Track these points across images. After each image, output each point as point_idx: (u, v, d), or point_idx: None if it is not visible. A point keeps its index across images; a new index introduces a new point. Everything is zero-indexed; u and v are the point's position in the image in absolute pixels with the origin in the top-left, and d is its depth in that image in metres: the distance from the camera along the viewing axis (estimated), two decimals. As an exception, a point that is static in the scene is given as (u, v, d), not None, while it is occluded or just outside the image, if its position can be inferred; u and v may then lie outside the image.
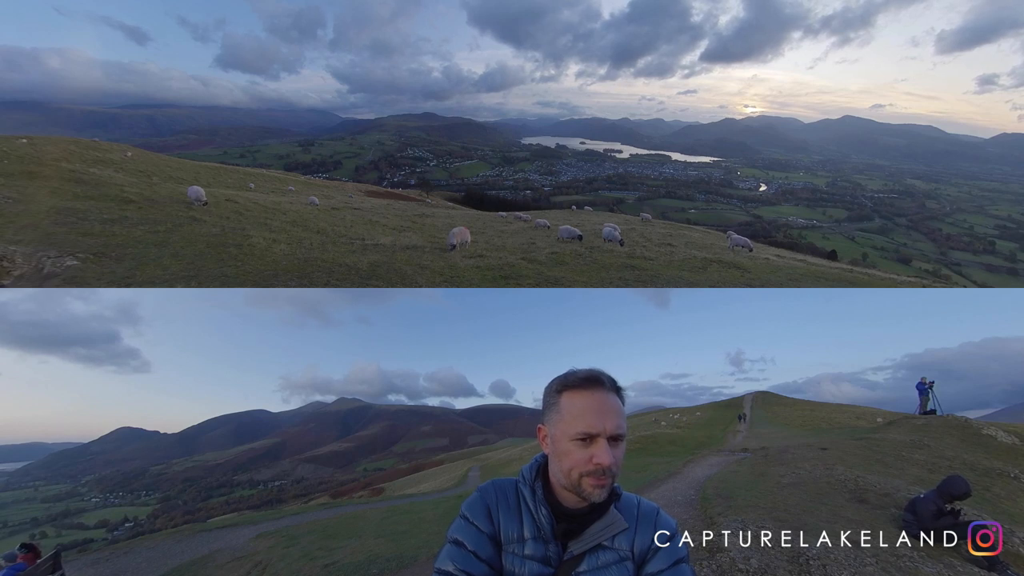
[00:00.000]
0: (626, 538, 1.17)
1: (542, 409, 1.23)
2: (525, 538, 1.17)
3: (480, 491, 1.24)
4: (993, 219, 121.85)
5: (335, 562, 6.25)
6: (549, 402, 1.19)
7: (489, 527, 1.18)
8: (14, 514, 56.00)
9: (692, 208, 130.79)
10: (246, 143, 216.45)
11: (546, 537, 1.16)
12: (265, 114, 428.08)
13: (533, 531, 1.17)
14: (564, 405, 1.15)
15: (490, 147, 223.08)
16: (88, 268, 8.75)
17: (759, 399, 35.32)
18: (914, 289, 19.51)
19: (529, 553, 1.15)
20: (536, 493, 1.19)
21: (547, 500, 1.18)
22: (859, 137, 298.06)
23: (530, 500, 1.20)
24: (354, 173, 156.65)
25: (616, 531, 1.16)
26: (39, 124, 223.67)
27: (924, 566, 4.05)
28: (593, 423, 1.10)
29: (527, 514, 1.19)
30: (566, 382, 1.18)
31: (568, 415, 1.13)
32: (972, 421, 11.16)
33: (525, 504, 1.20)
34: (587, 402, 1.14)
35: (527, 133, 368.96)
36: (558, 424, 1.14)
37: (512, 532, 1.18)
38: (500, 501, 1.21)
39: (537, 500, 1.18)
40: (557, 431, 1.14)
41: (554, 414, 1.16)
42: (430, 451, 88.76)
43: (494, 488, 1.24)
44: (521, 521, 1.19)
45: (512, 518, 1.19)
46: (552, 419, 1.17)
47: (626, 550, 1.17)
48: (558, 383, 1.19)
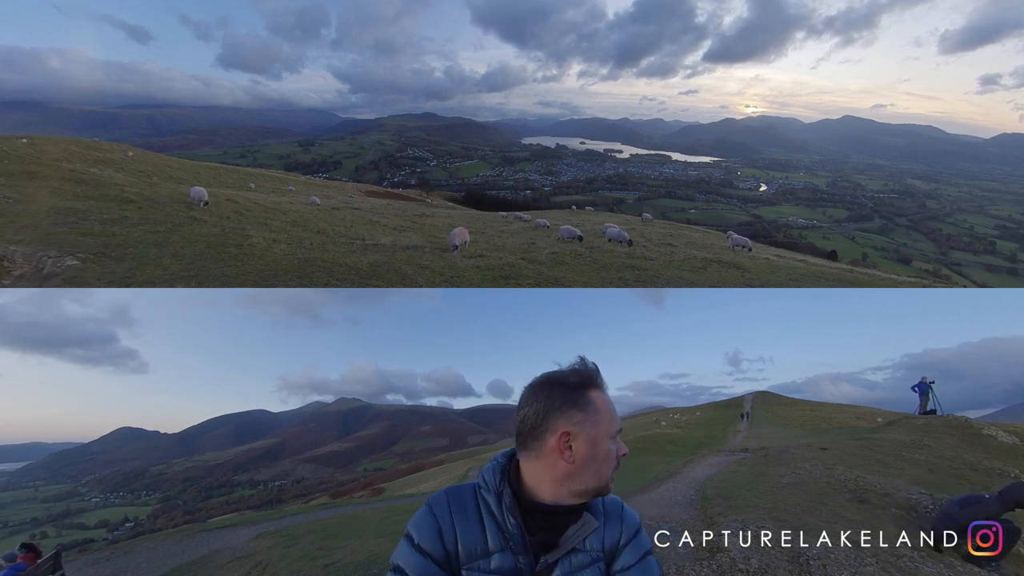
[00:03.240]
0: (596, 538, 1.09)
1: (550, 410, 1.03)
2: (491, 551, 1.02)
3: (430, 504, 1.07)
4: (993, 219, 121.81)
5: (335, 562, 6.25)
6: (575, 400, 1.04)
7: (438, 549, 1.01)
8: (14, 514, 55.99)
9: (692, 208, 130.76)
10: (246, 143, 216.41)
11: (515, 548, 1.02)
12: (265, 114, 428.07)
13: (499, 542, 1.03)
14: (600, 404, 1.05)
15: (490, 147, 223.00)
16: (88, 268, 8.75)
17: (759, 399, 35.32)
18: (913, 289, 19.51)
19: (496, 567, 1.01)
20: (503, 500, 1.05)
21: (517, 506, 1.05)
22: (859, 137, 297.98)
23: (495, 508, 1.05)
24: (354, 173, 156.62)
25: (588, 531, 1.07)
26: (39, 124, 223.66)
27: (924, 566, 4.05)
28: (618, 418, 1.07)
29: (492, 524, 1.04)
30: (592, 379, 1.07)
31: (607, 413, 1.05)
32: (972, 421, 11.15)
33: (489, 512, 1.06)
34: (607, 397, 1.08)
35: (527, 133, 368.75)
36: (599, 425, 1.03)
37: (474, 547, 1.02)
38: (456, 513, 1.05)
39: (505, 508, 1.04)
40: (599, 432, 1.03)
41: (591, 414, 1.03)
42: (430, 451, 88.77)
43: (448, 498, 1.08)
44: (484, 532, 1.04)
45: (473, 531, 1.04)
46: (589, 420, 1.03)
47: (597, 550, 1.09)
48: (581, 379, 1.06)
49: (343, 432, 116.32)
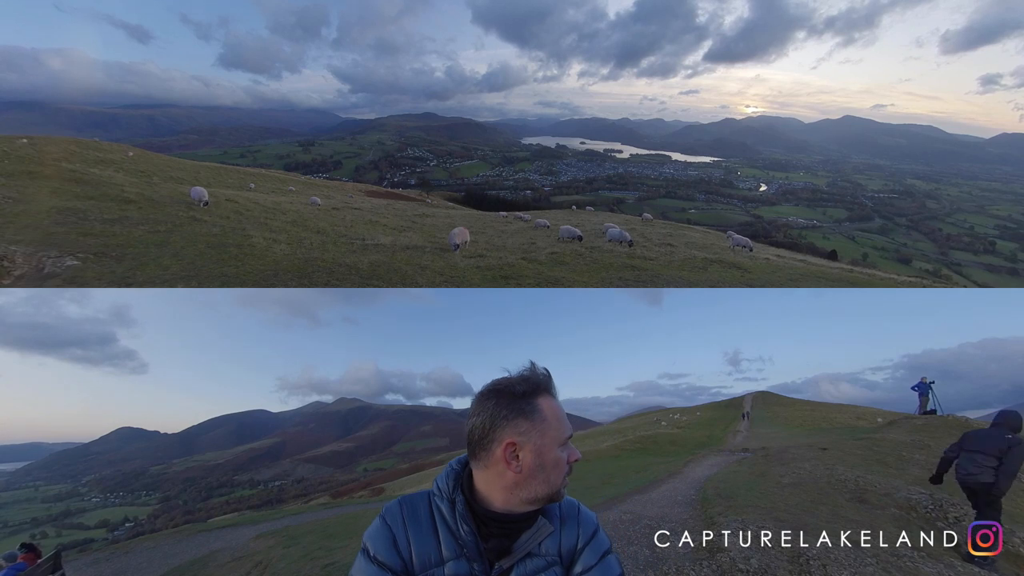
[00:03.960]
0: (552, 541, 1.09)
1: (497, 419, 1.02)
2: (444, 559, 1.02)
3: (383, 515, 1.07)
4: (993, 219, 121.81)
5: (335, 562, 6.25)
6: (521, 409, 1.02)
7: (395, 559, 1.01)
8: (14, 514, 55.99)
9: (692, 208, 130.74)
10: (246, 143, 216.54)
11: (470, 555, 1.02)
12: (265, 114, 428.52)
13: (454, 550, 1.03)
14: (547, 411, 1.04)
15: (490, 147, 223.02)
16: (88, 268, 8.75)
17: (759, 399, 35.32)
18: (913, 289, 19.51)
19: (451, 575, 1.01)
20: (456, 507, 1.05)
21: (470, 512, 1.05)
22: (859, 137, 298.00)
23: (448, 516, 1.05)
24: (354, 173, 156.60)
25: (543, 536, 1.07)
26: (40, 124, 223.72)
27: (924, 566, 4.05)
28: (568, 423, 1.06)
29: (445, 531, 1.04)
30: (539, 386, 1.06)
31: (555, 421, 1.04)
32: (972, 421, 11.15)
33: (442, 520, 1.05)
34: (556, 403, 1.07)
35: (527, 133, 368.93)
36: (546, 433, 1.02)
37: (428, 555, 1.02)
38: (410, 522, 1.05)
39: (458, 515, 1.04)
40: (546, 441, 1.02)
41: (537, 423, 1.02)
42: (430, 451, 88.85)
43: (401, 508, 1.07)
44: (438, 540, 1.04)
45: (426, 539, 1.04)
46: (535, 429, 1.02)
47: (553, 554, 1.08)
48: (528, 387, 1.05)
49: (343, 432, 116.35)
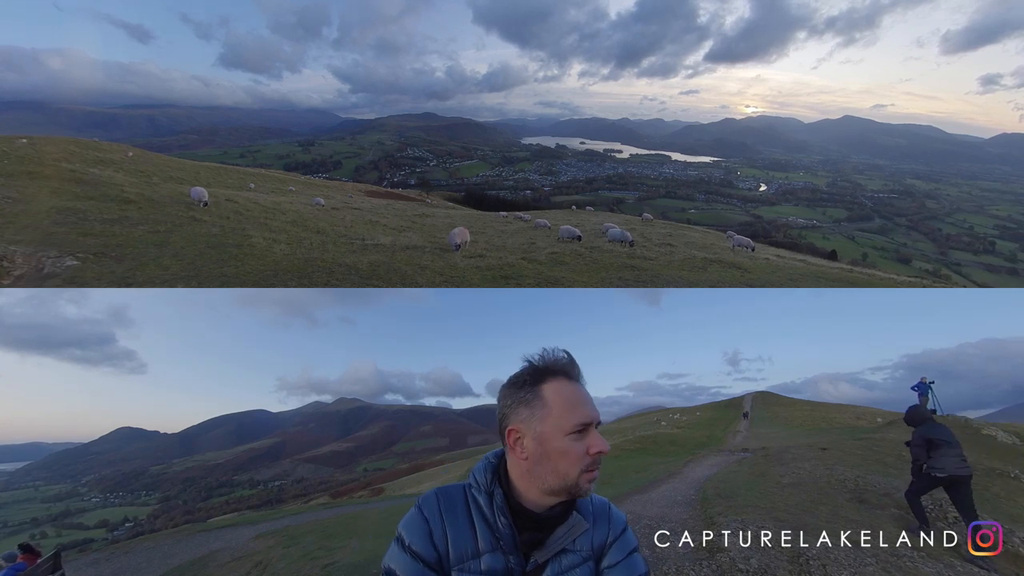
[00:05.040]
0: (586, 538, 1.09)
1: (504, 409, 1.06)
2: (481, 552, 1.02)
3: (420, 504, 1.07)
4: (993, 219, 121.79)
5: (335, 562, 6.25)
6: (522, 397, 1.04)
7: (429, 551, 1.01)
8: (14, 514, 56.00)
9: (692, 208, 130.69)
10: (246, 143, 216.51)
11: (506, 548, 1.02)
12: (265, 114, 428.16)
13: (490, 543, 1.02)
14: (550, 397, 1.02)
15: (490, 147, 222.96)
16: (88, 268, 8.75)
17: (758, 399, 35.33)
18: (912, 289, 19.51)
19: (486, 568, 1.01)
20: (494, 500, 1.05)
21: (507, 506, 1.05)
22: (859, 137, 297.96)
23: (486, 508, 1.05)
24: (354, 173, 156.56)
25: (578, 532, 1.07)
26: (39, 124, 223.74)
27: (924, 566, 4.05)
28: (588, 411, 1.02)
29: (482, 524, 1.04)
30: (547, 370, 1.05)
31: (558, 407, 1.01)
32: (972, 421, 11.16)
33: (480, 512, 1.05)
34: (575, 389, 1.05)
35: (527, 133, 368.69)
36: (546, 420, 1.01)
37: (465, 547, 1.02)
38: (447, 513, 1.05)
39: (496, 508, 1.04)
40: (546, 428, 1.00)
41: (537, 410, 1.02)
42: (430, 451, 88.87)
43: (438, 498, 1.07)
44: (475, 533, 1.03)
45: (463, 531, 1.03)
46: (535, 416, 1.02)
47: (587, 550, 1.09)
48: (533, 373, 1.06)
49: (343, 432, 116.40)
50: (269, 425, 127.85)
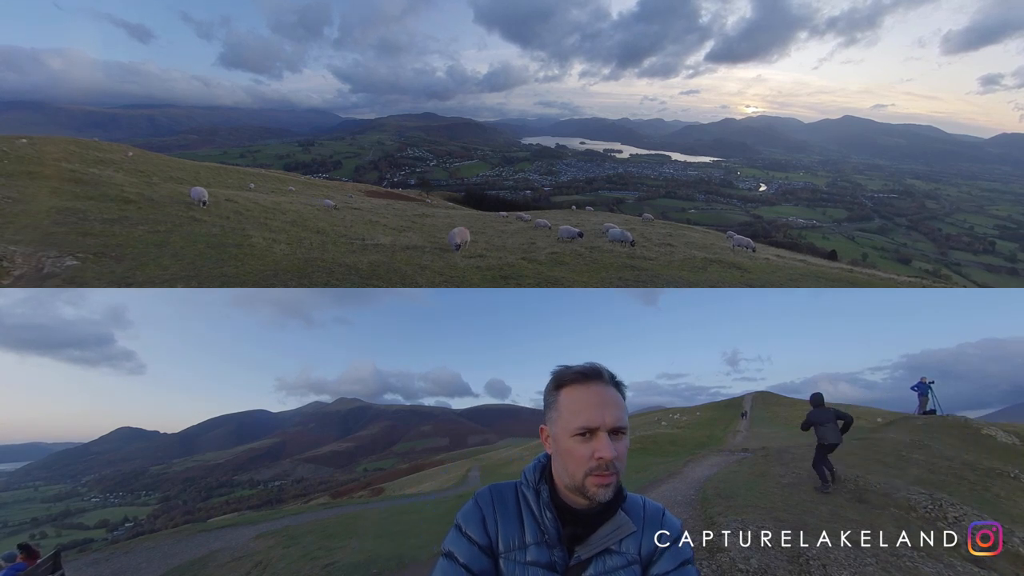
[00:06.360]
0: (633, 541, 1.12)
1: (544, 410, 1.18)
2: (527, 543, 1.10)
3: (476, 498, 1.18)
4: (993, 219, 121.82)
5: (335, 562, 6.25)
6: (548, 401, 1.15)
7: (483, 538, 1.12)
8: (14, 514, 55.97)
9: (692, 208, 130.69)
10: (246, 143, 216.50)
11: (551, 542, 1.10)
12: (265, 114, 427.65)
13: (536, 536, 1.11)
14: (563, 402, 1.11)
15: (490, 147, 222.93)
16: (88, 268, 8.75)
17: (758, 399, 35.33)
18: (912, 289, 19.51)
19: (532, 559, 1.08)
20: (541, 495, 1.14)
21: (553, 502, 1.13)
22: (859, 137, 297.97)
23: (534, 503, 1.14)
24: (354, 173, 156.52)
25: (624, 534, 1.11)
26: (39, 124, 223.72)
27: (924, 566, 4.05)
28: (592, 416, 1.06)
29: (529, 518, 1.13)
30: (563, 378, 1.14)
31: (567, 411, 1.09)
32: (972, 421, 11.16)
33: (528, 507, 1.14)
34: (585, 395, 1.10)
35: (527, 133, 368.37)
36: (557, 422, 1.10)
37: (512, 538, 1.11)
38: (498, 506, 1.15)
39: (542, 503, 1.13)
40: (557, 429, 1.10)
41: (553, 412, 1.12)
42: (430, 451, 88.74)
43: (491, 493, 1.18)
44: (522, 526, 1.13)
45: (512, 523, 1.13)
46: (552, 417, 1.12)
47: (633, 554, 1.12)
48: (555, 380, 1.15)
49: (343, 432, 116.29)
50: (269, 425, 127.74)
